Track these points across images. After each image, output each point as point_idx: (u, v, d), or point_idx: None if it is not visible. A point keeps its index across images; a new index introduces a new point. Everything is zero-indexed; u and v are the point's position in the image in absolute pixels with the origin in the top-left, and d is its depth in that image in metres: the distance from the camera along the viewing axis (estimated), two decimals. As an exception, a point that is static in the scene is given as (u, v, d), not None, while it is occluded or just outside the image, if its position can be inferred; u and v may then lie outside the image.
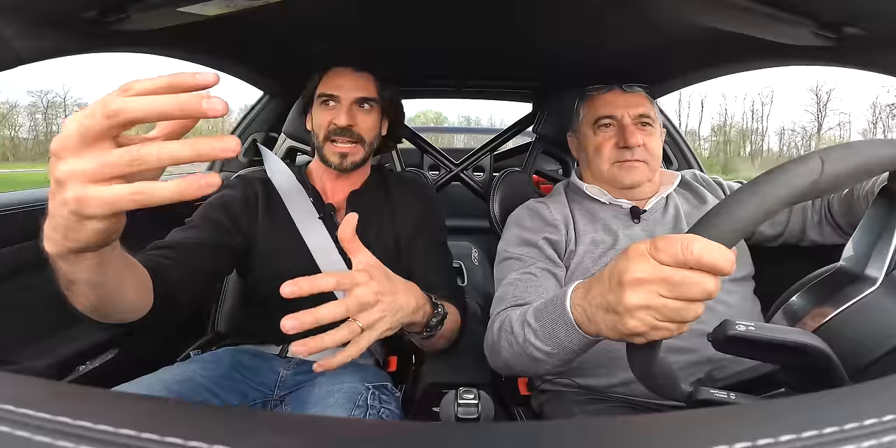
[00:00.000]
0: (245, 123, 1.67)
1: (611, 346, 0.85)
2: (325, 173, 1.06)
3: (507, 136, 1.81)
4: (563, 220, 0.97)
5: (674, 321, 0.43)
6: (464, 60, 1.38)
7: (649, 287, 0.43)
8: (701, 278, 0.41)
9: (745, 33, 0.79)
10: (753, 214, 0.41)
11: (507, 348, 0.73)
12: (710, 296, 0.41)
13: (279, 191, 1.02)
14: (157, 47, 0.99)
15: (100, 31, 0.77)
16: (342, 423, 0.30)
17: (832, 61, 0.83)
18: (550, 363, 0.66)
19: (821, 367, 0.42)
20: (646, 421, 0.24)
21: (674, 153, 1.69)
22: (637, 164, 0.95)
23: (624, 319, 0.45)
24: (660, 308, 0.43)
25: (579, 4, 0.87)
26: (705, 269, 0.41)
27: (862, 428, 0.20)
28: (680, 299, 0.42)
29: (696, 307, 0.43)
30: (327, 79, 1.01)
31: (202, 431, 0.21)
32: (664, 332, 0.44)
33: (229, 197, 0.98)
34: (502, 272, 0.93)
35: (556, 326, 0.60)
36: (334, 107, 0.99)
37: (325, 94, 0.99)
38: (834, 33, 0.71)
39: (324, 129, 0.99)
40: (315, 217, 1.00)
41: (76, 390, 0.27)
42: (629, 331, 0.46)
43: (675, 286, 0.42)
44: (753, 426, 0.21)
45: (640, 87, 1.00)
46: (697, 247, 0.40)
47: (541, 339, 0.64)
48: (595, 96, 1.01)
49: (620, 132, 0.96)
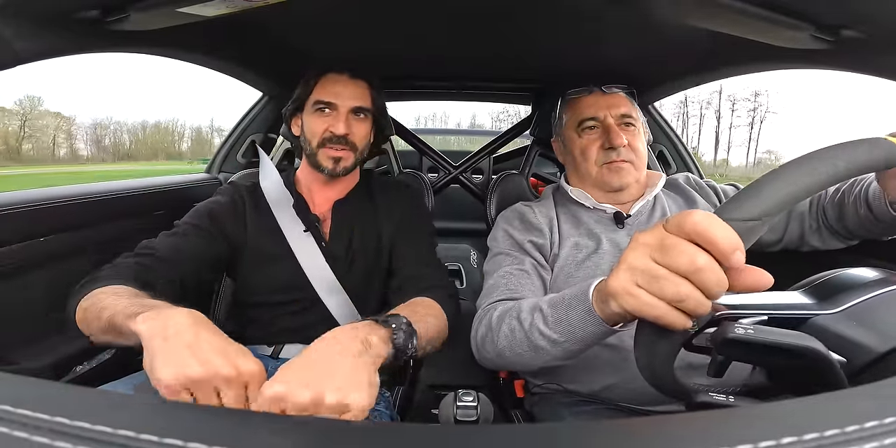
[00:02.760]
0: (244, 124, 1.67)
1: (592, 353, 0.86)
2: (312, 181, 1.06)
3: (507, 139, 1.81)
4: (548, 224, 0.98)
5: (652, 292, 0.42)
6: (464, 62, 1.38)
7: (645, 250, 0.43)
8: (692, 249, 0.39)
9: (744, 37, 0.79)
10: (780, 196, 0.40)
11: (506, 335, 0.72)
12: (695, 270, 0.39)
13: (267, 198, 1.03)
14: (157, 47, 0.99)
15: (99, 31, 0.77)
16: (341, 425, 0.30)
17: (829, 64, 0.83)
18: (551, 354, 0.65)
19: (819, 370, 0.42)
20: (647, 424, 0.24)
21: (672, 157, 1.70)
22: (623, 165, 0.95)
23: (613, 278, 0.45)
24: (642, 270, 0.42)
25: (578, 8, 0.87)
26: (701, 241, 0.39)
27: (863, 430, 0.20)
28: (665, 267, 0.41)
29: (676, 281, 0.40)
30: (323, 85, 1.00)
31: (201, 432, 0.21)
32: (649, 309, 0.42)
33: (216, 204, 1.00)
34: (494, 265, 0.93)
35: (571, 312, 0.59)
36: (330, 114, 0.99)
37: (321, 102, 0.99)
38: (831, 36, 0.71)
39: (318, 136, 0.99)
40: (301, 229, 1.00)
41: (74, 391, 0.27)
42: (611, 290, 0.46)
43: (666, 251, 0.41)
44: (755, 428, 0.21)
45: (619, 88, 1.01)
46: (697, 217, 0.39)
47: (550, 325, 0.64)
48: (576, 99, 1.02)
49: (605, 133, 0.96)
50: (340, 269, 0.99)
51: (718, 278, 0.39)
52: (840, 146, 0.42)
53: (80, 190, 1.09)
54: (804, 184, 0.40)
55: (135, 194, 1.23)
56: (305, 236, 1.00)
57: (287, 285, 0.98)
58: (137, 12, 0.75)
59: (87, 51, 0.83)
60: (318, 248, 0.99)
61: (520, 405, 1.01)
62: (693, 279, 0.40)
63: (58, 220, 1.01)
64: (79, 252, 1.07)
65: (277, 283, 0.99)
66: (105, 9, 0.73)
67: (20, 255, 0.93)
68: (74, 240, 1.05)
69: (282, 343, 0.99)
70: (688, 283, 0.40)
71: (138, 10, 0.74)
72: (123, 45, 0.89)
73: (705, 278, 0.39)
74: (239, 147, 1.66)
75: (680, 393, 0.48)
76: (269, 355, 0.98)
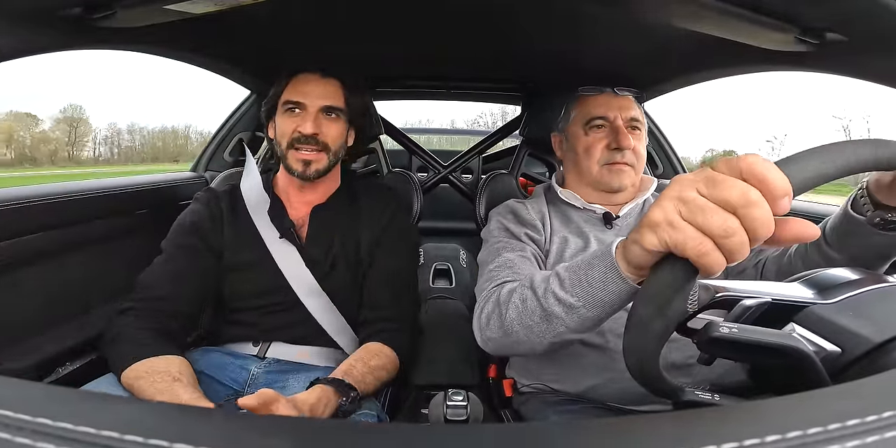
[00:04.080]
0: (232, 122, 1.66)
1: (577, 353, 0.87)
2: (289, 184, 1.05)
3: (496, 138, 1.81)
4: (541, 219, 0.99)
5: (696, 224, 0.39)
6: (454, 62, 1.38)
7: (690, 184, 0.41)
8: (744, 184, 0.38)
9: (731, 39, 0.80)
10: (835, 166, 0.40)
11: (516, 306, 0.69)
12: (746, 203, 0.37)
13: (246, 201, 1.03)
14: (142, 45, 0.98)
15: (83, 27, 0.76)
16: (331, 425, 0.30)
17: (817, 67, 0.85)
18: (565, 323, 0.62)
19: (802, 369, 0.43)
20: (635, 422, 0.24)
21: (660, 158, 1.71)
22: (625, 168, 0.96)
23: (653, 209, 0.43)
24: (688, 200, 0.40)
25: (570, 9, 0.87)
26: (753, 180, 0.38)
27: (845, 428, 0.20)
28: (713, 200, 0.39)
29: (724, 215, 0.38)
30: (293, 85, 0.99)
31: (187, 433, 0.21)
32: (693, 243, 0.39)
33: (197, 215, 1.00)
34: (492, 254, 0.90)
35: (592, 271, 0.57)
36: (299, 114, 0.97)
37: (290, 102, 0.97)
38: (817, 39, 0.72)
39: (287, 136, 0.97)
40: (277, 236, 0.99)
41: (57, 391, 0.27)
42: (652, 220, 0.43)
43: (716, 184, 0.39)
44: (740, 427, 0.21)
45: (629, 92, 1.01)
46: (752, 158, 0.38)
47: (567, 288, 0.61)
48: (587, 98, 1.02)
49: (613, 133, 0.96)
50: (320, 273, 0.99)
51: (767, 217, 0.37)
52: (861, 141, 0.42)
53: (63, 188, 1.07)
54: (840, 163, 0.40)
55: (118, 193, 1.21)
56: (284, 244, 0.99)
57: (267, 289, 0.98)
58: (123, 9, 0.73)
59: (71, 48, 0.81)
60: (299, 256, 0.99)
61: (509, 405, 1.02)
62: (741, 214, 0.38)
63: (40, 219, 0.99)
64: (62, 251, 1.06)
65: (258, 288, 0.98)
66: (89, 5, 0.72)
67: (1, 255, 0.91)
68: (57, 238, 1.04)
69: (268, 341, 0.98)
70: (735, 218, 0.38)
71: (124, 7, 0.73)
72: (108, 43, 0.88)
73: (756, 214, 0.37)
74: (226, 145, 1.65)
75: (665, 391, 0.48)
76: (255, 355, 0.98)
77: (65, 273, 1.07)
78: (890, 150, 0.42)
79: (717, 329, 0.43)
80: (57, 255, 1.05)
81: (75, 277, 1.10)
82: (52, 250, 1.03)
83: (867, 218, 0.61)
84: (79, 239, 1.10)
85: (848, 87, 67.00)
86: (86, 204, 1.10)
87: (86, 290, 1.13)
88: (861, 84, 0.79)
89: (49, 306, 1.03)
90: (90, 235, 1.13)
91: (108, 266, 1.18)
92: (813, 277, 0.51)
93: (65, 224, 1.05)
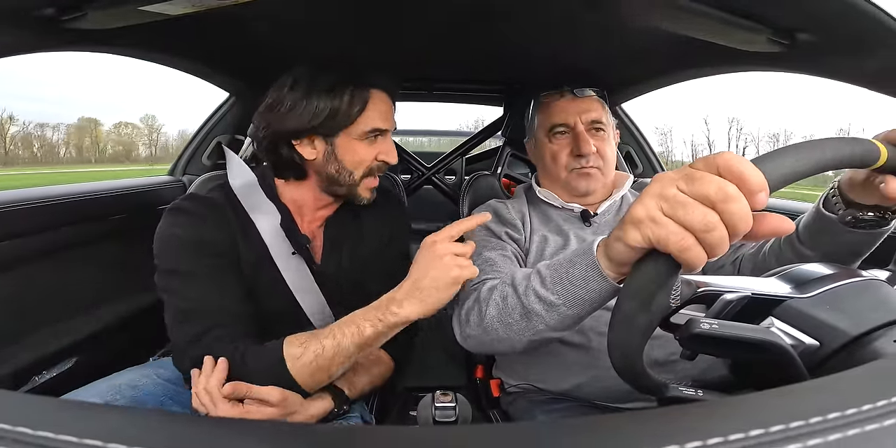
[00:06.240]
0: (210, 125, 1.63)
1: (561, 352, 0.88)
2: (310, 199, 0.92)
3: (478, 140, 1.81)
4: (521, 218, 1.00)
5: (677, 220, 0.40)
6: (436, 63, 1.38)
7: (670, 181, 0.42)
8: (721, 180, 0.39)
9: (705, 39, 0.82)
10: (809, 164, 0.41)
11: (496, 303, 0.69)
12: (725, 198, 0.38)
13: (244, 204, 0.89)
14: (117, 47, 0.96)
15: (54, 29, 0.74)
16: (318, 429, 0.29)
17: (789, 67, 0.87)
18: (545, 321, 0.62)
19: (781, 363, 0.43)
20: (620, 420, 0.24)
21: (639, 158, 1.74)
22: (591, 171, 0.97)
23: (635, 206, 0.44)
24: (668, 197, 0.41)
25: (549, 9, 0.88)
26: (730, 176, 0.39)
27: (826, 421, 0.20)
28: (692, 196, 0.40)
29: (703, 209, 0.39)
30: (376, 106, 0.85)
31: (172, 440, 0.21)
32: (675, 238, 0.40)
33: (208, 235, 0.83)
34: (474, 253, 0.84)
35: (573, 268, 0.57)
36: (382, 142, 0.88)
37: (377, 130, 0.86)
38: (787, 39, 0.74)
39: (366, 164, 0.87)
40: (289, 251, 0.88)
41: (36, 400, 0.26)
42: (634, 217, 0.43)
43: (694, 181, 0.40)
44: (725, 422, 0.21)
45: (592, 91, 1.02)
46: (728, 155, 0.39)
47: (548, 286, 0.61)
48: (548, 103, 1.03)
49: (574, 140, 0.97)
50: (329, 292, 0.91)
51: (745, 211, 0.38)
52: (834, 139, 0.43)
53: (35, 193, 1.04)
54: (815, 160, 0.41)
55: (94, 198, 1.19)
56: (295, 263, 0.89)
57: (276, 312, 0.89)
58: (95, 11, 0.72)
59: (43, 50, 0.80)
60: (310, 276, 0.89)
61: (497, 405, 1.02)
62: (720, 209, 0.39)
63: (11, 225, 0.96)
64: (37, 257, 1.03)
65: (272, 316, 0.88)
66: (60, 7, 0.70)
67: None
68: (30, 244, 1.01)
69: None
70: (715, 213, 0.39)
71: (95, 8, 0.71)
72: (80, 44, 0.86)
73: (734, 208, 0.38)
74: (204, 148, 1.62)
75: (650, 387, 0.49)
76: None
77: (40, 279, 1.04)
78: (863, 147, 0.44)
79: (698, 325, 0.43)
80: (32, 261, 1.02)
81: (51, 284, 1.08)
82: (26, 256, 1.00)
83: (839, 216, 0.62)
84: (55, 244, 1.07)
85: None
86: (64, 208, 1.07)
87: (62, 296, 1.11)
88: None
89: (24, 313, 1.00)
90: (67, 240, 1.10)
91: (85, 271, 1.16)
92: (790, 272, 0.52)
93: (35, 230, 1.02)
